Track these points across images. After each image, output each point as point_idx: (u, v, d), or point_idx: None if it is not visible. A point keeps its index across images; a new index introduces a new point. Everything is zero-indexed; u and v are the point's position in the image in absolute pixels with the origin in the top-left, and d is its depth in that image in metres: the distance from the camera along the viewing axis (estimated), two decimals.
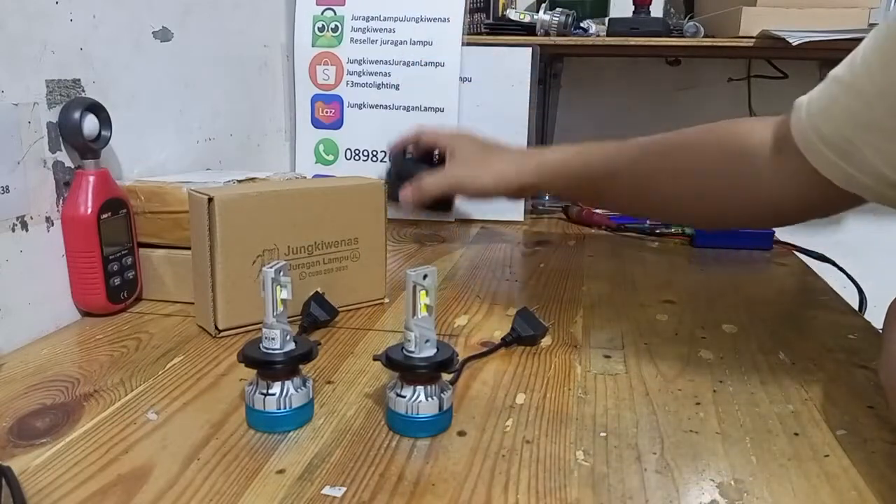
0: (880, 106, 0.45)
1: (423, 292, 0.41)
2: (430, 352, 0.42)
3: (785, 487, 0.37)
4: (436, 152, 0.83)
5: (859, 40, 0.49)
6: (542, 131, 1.36)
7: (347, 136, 1.05)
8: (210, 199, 0.53)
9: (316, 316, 0.59)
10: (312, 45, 1.05)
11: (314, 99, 1.06)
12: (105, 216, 0.59)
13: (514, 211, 1.04)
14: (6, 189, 0.53)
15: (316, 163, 1.07)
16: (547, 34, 1.07)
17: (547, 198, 1.16)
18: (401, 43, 1.02)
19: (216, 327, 0.56)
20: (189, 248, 0.58)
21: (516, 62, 1.01)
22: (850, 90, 0.49)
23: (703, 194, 0.56)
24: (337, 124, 1.06)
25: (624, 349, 0.56)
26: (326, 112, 1.06)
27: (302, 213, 0.59)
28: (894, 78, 0.45)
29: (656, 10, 1.30)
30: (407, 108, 1.02)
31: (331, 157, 1.07)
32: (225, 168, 0.86)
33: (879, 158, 0.47)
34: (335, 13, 1.04)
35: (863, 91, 0.47)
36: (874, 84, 0.46)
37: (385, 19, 1.02)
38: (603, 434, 0.42)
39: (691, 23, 1.09)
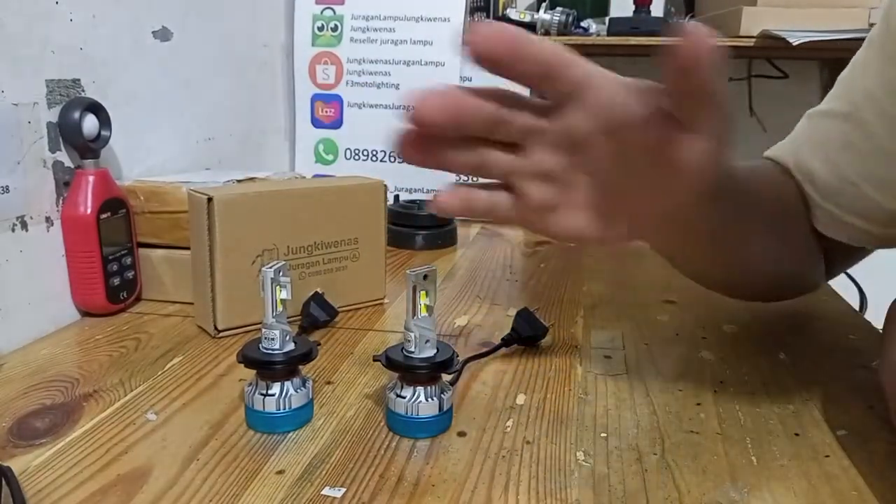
0: (889, 134, 0.45)
1: (423, 292, 0.41)
2: (430, 352, 0.42)
3: (785, 488, 0.37)
4: None
5: (860, 40, 0.49)
6: None
7: (347, 135, 1.05)
8: (209, 199, 0.53)
9: (316, 316, 0.59)
10: (312, 45, 1.05)
11: (314, 98, 1.06)
12: (105, 216, 0.59)
13: None
14: (6, 189, 0.53)
15: (316, 162, 1.07)
16: (547, 33, 1.07)
17: None
18: (401, 42, 1.02)
19: (215, 327, 0.56)
20: (188, 249, 0.58)
21: None
22: (848, 122, 0.47)
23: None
24: (337, 124, 1.06)
25: (625, 350, 0.56)
26: (326, 112, 1.06)
27: (302, 213, 0.59)
28: None
29: (657, 9, 1.30)
30: (407, 108, 1.02)
31: (330, 157, 1.07)
32: (224, 168, 0.86)
33: (881, 192, 0.46)
34: (335, 12, 1.04)
35: (866, 121, 0.46)
36: (881, 112, 0.45)
37: (385, 19, 1.02)
38: (603, 435, 0.42)
39: (692, 22, 1.09)
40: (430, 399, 0.41)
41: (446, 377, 0.44)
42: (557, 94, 0.35)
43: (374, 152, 1.05)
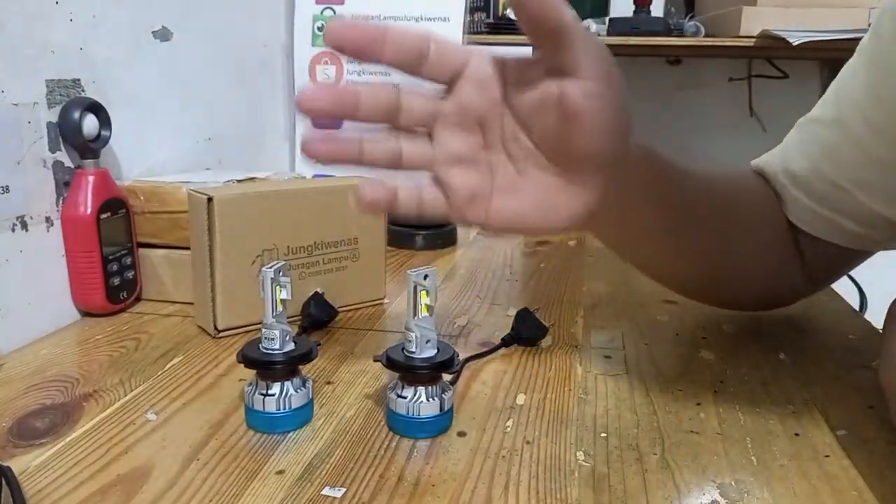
0: (875, 141, 0.45)
1: (424, 292, 0.41)
2: (430, 352, 0.42)
3: (785, 488, 0.37)
4: None
5: (859, 40, 0.49)
6: None
7: None
8: (209, 199, 0.53)
9: (315, 316, 0.59)
10: (312, 45, 1.05)
11: None
12: (104, 216, 0.59)
13: None
14: (6, 189, 0.53)
15: (316, 163, 1.07)
16: None
17: None
18: None
19: (215, 327, 0.56)
20: (188, 249, 0.58)
21: None
22: (836, 129, 0.48)
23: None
24: (337, 124, 1.05)
25: (624, 350, 0.56)
26: None
27: (302, 213, 0.59)
28: (890, 109, 0.44)
29: (657, 9, 1.30)
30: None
31: None
32: (224, 168, 0.86)
33: (878, 197, 0.46)
34: (335, 12, 1.04)
35: (853, 128, 0.46)
36: (866, 119, 0.45)
37: (385, 18, 1.02)
38: (603, 435, 0.42)
39: (692, 22, 1.09)
40: (431, 399, 0.41)
41: (446, 377, 0.44)
42: (443, 75, 0.36)
43: None
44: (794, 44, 0.94)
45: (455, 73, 0.36)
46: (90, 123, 0.58)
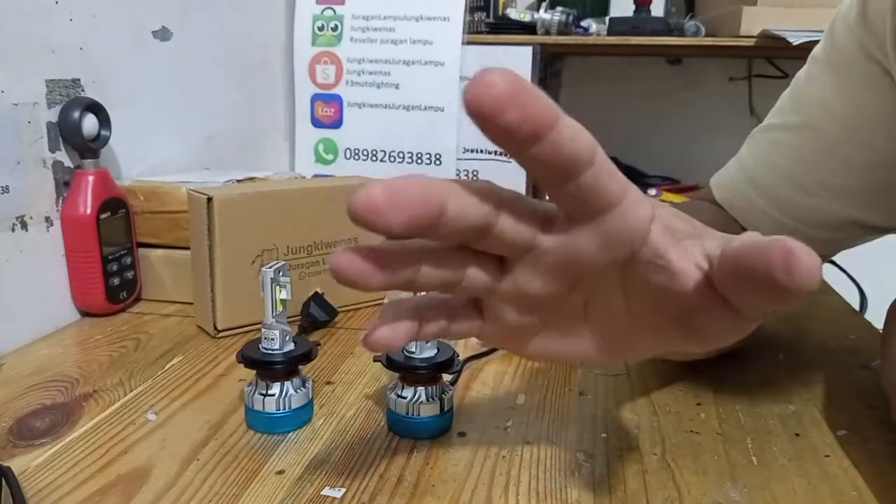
0: (850, 142, 0.44)
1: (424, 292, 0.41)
2: (430, 352, 0.42)
3: (785, 488, 0.37)
4: None
5: None
6: None
7: (347, 135, 1.05)
8: (209, 199, 0.53)
9: (315, 316, 0.59)
10: (312, 45, 1.05)
11: (314, 98, 1.06)
12: (104, 216, 0.59)
13: None
14: (6, 189, 0.53)
15: (315, 162, 1.07)
16: (547, 33, 1.07)
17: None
18: (400, 42, 1.02)
19: (215, 327, 0.56)
20: (188, 248, 0.58)
21: (517, 61, 1.01)
22: (805, 133, 0.46)
23: None
24: (336, 124, 1.06)
25: None
26: (326, 111, 1.06)
27: (302, 213, 0.59)
28: (860, 107, 0.43)
29: (657, 9, 1.30)
30: (407, 108, 1.02)
31: (330, 157, 1.07)
32: (224, 168, 0.86)
33: (850, 201, 0.45)
34: (335, 12, 1.04)
35: (824, 131, 0.45)
36: (839, 120, 0.44)
37: (385, 18, 1.02)
38: (604, 435, 0.42)
39: (692, 22, 1.09)
40: (431, 399, 0.41)
41: (447, 377, 0.44)
42: (573, 203, 0.25)
43: (374, 152, 1.05)
44: (794, 44, 0.94)
45: (594, 208, 0.24)
46: (90, 123, 0.58)
